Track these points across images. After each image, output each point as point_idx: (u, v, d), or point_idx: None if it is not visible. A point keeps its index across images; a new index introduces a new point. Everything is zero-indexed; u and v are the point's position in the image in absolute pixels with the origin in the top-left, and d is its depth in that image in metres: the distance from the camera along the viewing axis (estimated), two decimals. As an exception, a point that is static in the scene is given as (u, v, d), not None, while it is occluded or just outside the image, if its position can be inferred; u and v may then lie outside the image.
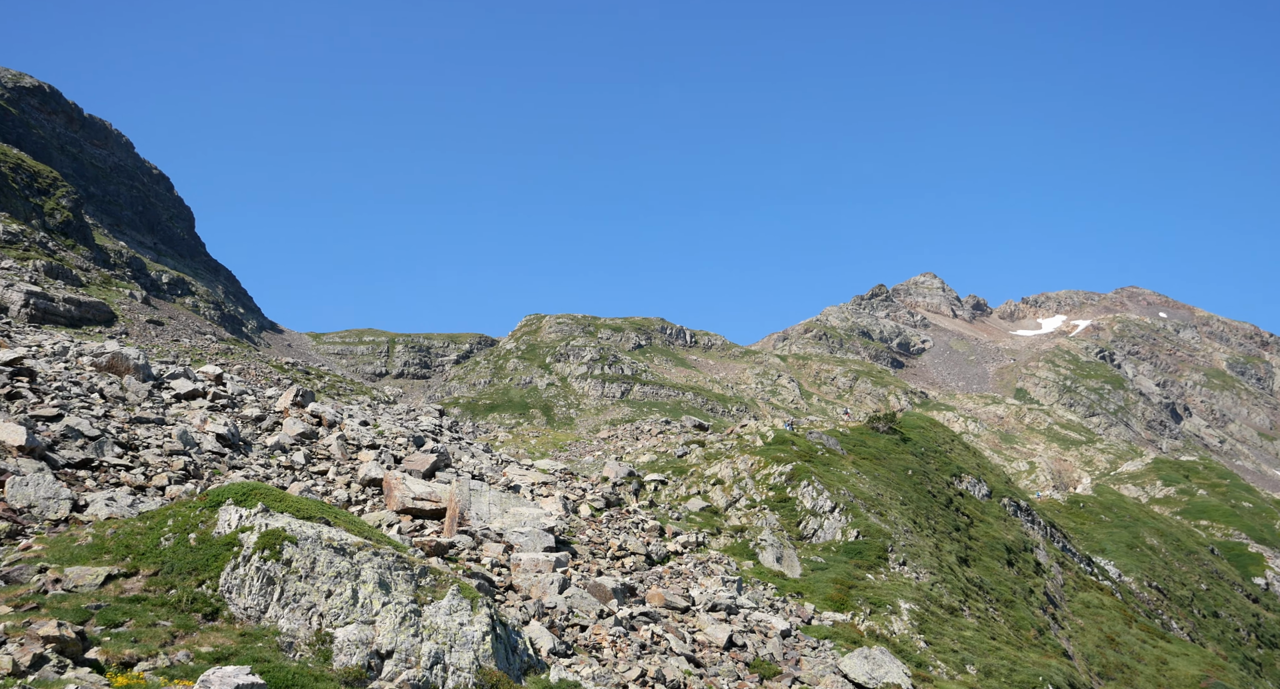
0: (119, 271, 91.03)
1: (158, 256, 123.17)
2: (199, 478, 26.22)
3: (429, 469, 32.89)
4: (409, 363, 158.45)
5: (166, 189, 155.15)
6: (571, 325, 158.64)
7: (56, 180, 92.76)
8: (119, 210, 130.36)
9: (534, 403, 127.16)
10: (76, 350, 37.58)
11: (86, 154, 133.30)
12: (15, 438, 22.04)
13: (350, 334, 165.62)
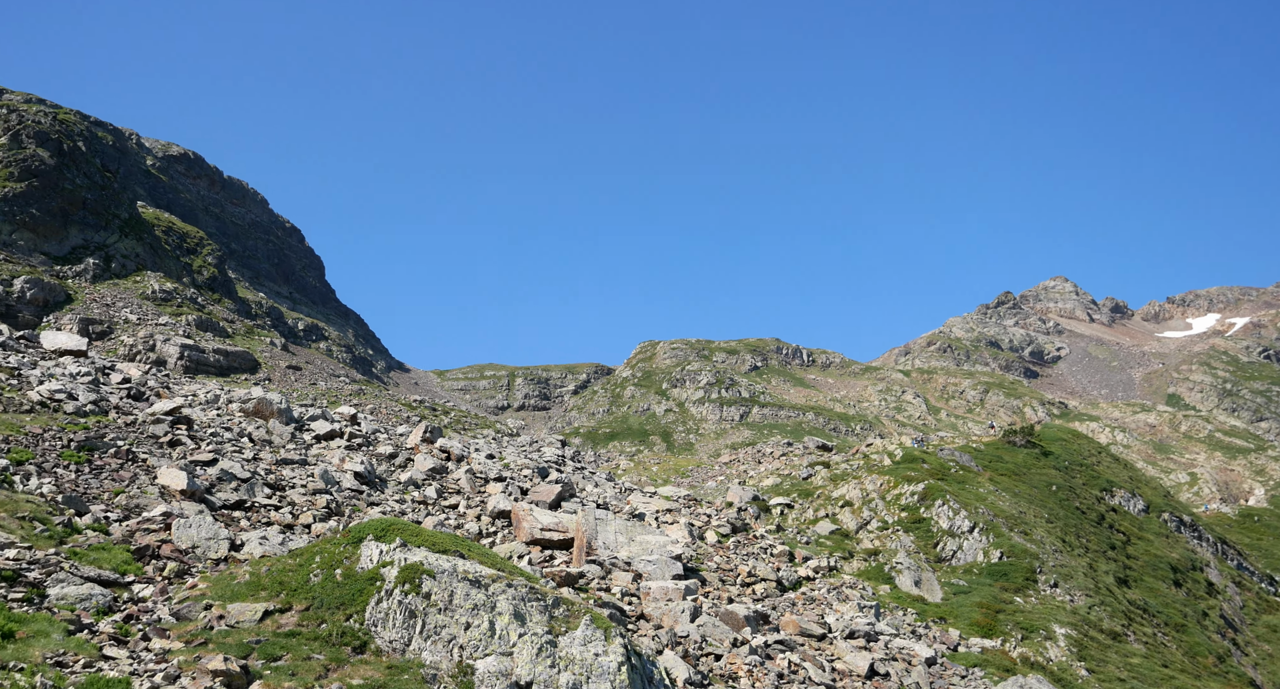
0: (260, 321, 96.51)
1: (293, 305, 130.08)
2: (340, 515, 27.39)
3: (554, 500, 33.39)
4: (529, 395, 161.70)
5: (298, 241, 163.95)
6: (686, 350, 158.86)
7: (202, 239, 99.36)
8: (257, 263, 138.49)
9: (653, 430, 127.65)
10: (226, 398, 39.91)
11: (227, 213, 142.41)
12: (178, 482, 23.57)
13: (472, 369, 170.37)
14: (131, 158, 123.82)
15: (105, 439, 26.48)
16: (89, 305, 68.29)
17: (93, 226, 77.87)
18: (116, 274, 76.34)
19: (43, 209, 73.24)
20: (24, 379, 30.58)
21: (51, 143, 78.77)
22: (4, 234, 69.30)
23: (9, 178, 72.47)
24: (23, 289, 63.65)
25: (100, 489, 22.76)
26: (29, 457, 22.83)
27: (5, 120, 77.99)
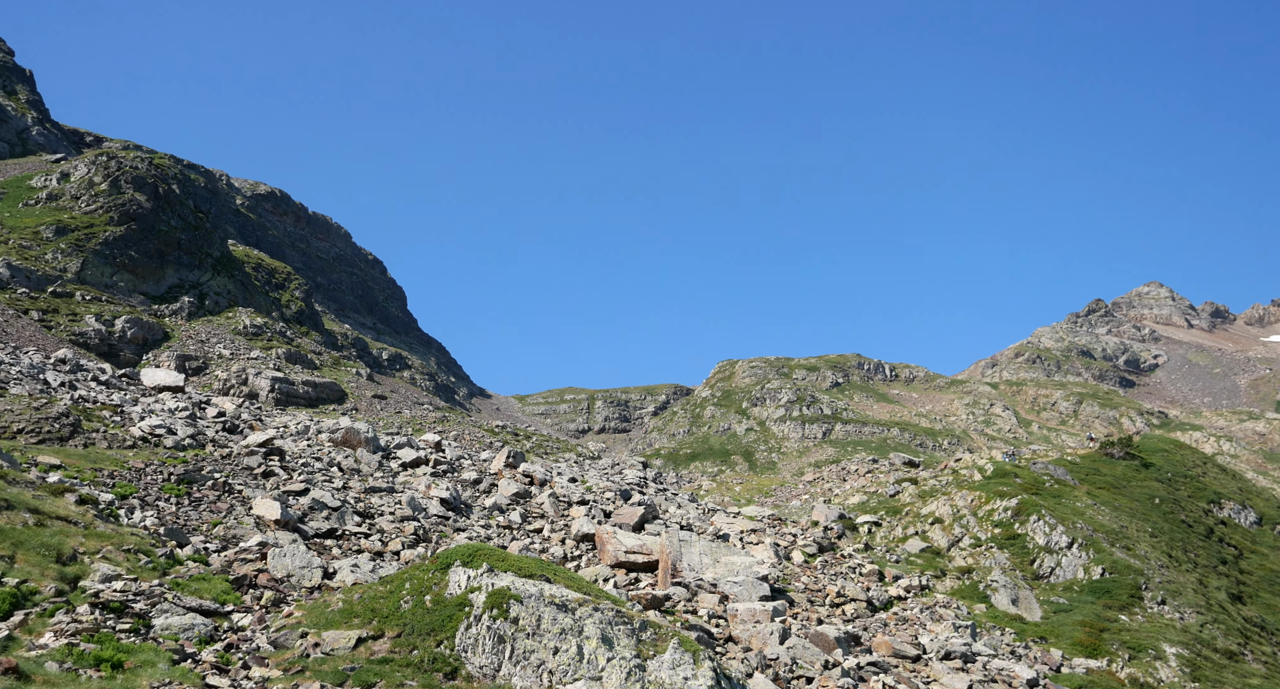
0: (346, 352, 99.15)
1: (377, 335, 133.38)
2: (428, 541, 27.77)
3: (638, 522, 33.31)
4: (609, 418, 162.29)
5: (381, 272, 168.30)
6: (765, 368, 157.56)
7: (290, 274, 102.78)
8: (342, 296, 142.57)
9: (734, 449, 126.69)
10: (316, 428, 41.00)
11: (313, 247, 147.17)
12: (272, 513, 24.23)
13: (552, 394, 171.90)
14: (222, 198, 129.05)
15: (203, 472, 27.40)
16: (185, 342, 71.08)
17: (187, 266, 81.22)
18: (210, 311, 79.38)
19: (141, 251, 76.70)
20: (126, 416, 31.91)
21: (148, 187, 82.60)
22: (106, 276, 72.74)
23: (110, 222, 76.16)
24: (123, 329, 66.60)
25: (199, 521, 23.52)
26: (133, 490, 23.74)
27: (105, 167, 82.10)
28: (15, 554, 15.41)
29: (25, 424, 26.99)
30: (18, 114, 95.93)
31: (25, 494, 19.02)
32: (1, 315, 58.09)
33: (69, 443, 27.02)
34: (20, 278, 65.41)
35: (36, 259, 68.94)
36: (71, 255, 71.07)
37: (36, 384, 32.17)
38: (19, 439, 26.20)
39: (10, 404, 28.00)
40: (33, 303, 63.56)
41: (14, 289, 64.04)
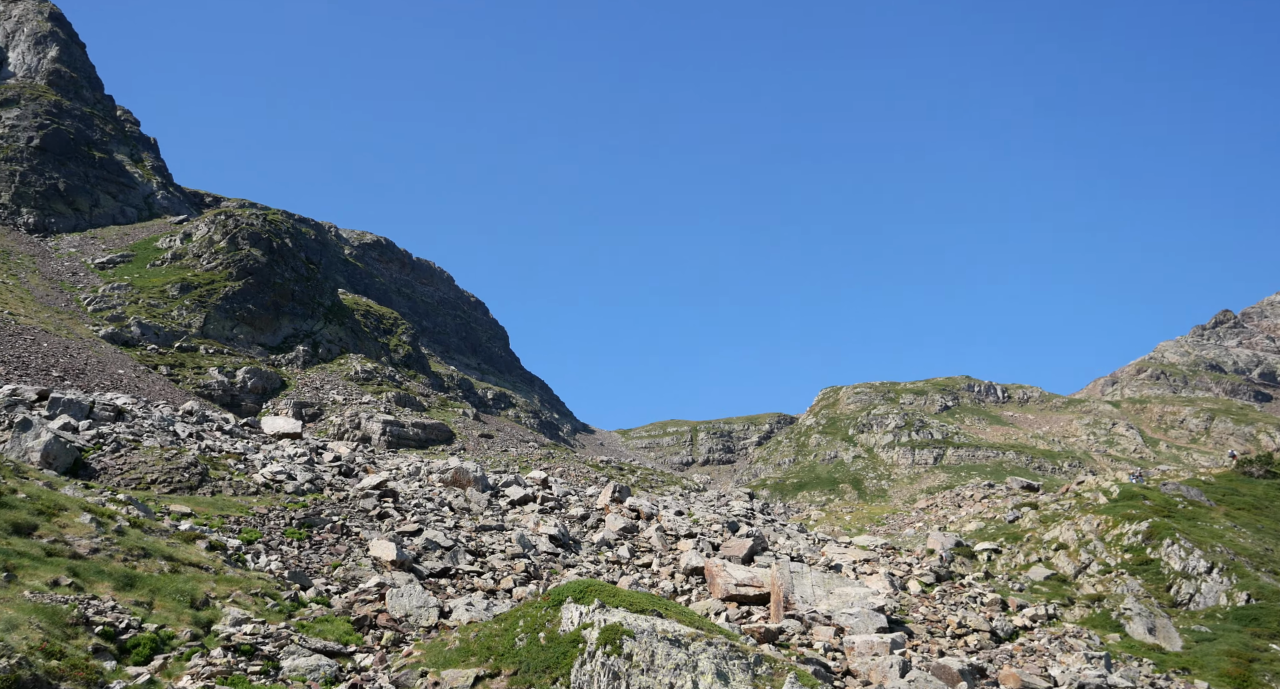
0: (452, 393, 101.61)
1: (482, 375, 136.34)
2: (539, 578, 27.99)
3: (747, 554, 32.85)
4: (713, 449, 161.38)
5: (483, 313, 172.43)
6: (870, 394, 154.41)
7: (397, 319, 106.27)
8: (447, 338, 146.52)
9: (842, 477, 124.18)
10: (426, 469, 41.97)
11: (417, 292, 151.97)
12: (388, 554, 24.85)
13: (655, 427, 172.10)
14: (331, 249, 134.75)
15: (322, 515, 28.33)
16: (301, 390, 74.02)
17: (301, 316, 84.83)
18: (323, 359, 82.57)
19: (258, 304, 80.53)
20: (249, 463, 33.33)
21: (263, 242, 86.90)
22: (226, 329, 76.54)
23: (229, 278, 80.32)
24: (244, 379, 69.82)
25: (320, 563, 24.28)
26: (258, 536, 24.70)
27: (224, 226, 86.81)
28: (153, 600, 16.17)
29: (158, 474, 28.44)
30: (144, 180, 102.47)
31: (160, 542, 20.00)
32: (133, 371, 61.66)
33: (198, 491, 28.34)
34: (150, 335, 69.41)
35: (164, 316, 73.09)
36: (195, 311, 75.12)
37: (167, 436, 33.92)
38: (152, 489, 27.61)
39: (144, 456, 29.58)
40: (161, 358, 67.30)
41: (144, 346, 67.97)
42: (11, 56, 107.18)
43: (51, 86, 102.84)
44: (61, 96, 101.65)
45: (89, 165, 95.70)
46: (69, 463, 27.22)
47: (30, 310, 64.15)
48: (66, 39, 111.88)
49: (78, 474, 27.07)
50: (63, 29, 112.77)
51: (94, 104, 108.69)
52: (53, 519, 18.53)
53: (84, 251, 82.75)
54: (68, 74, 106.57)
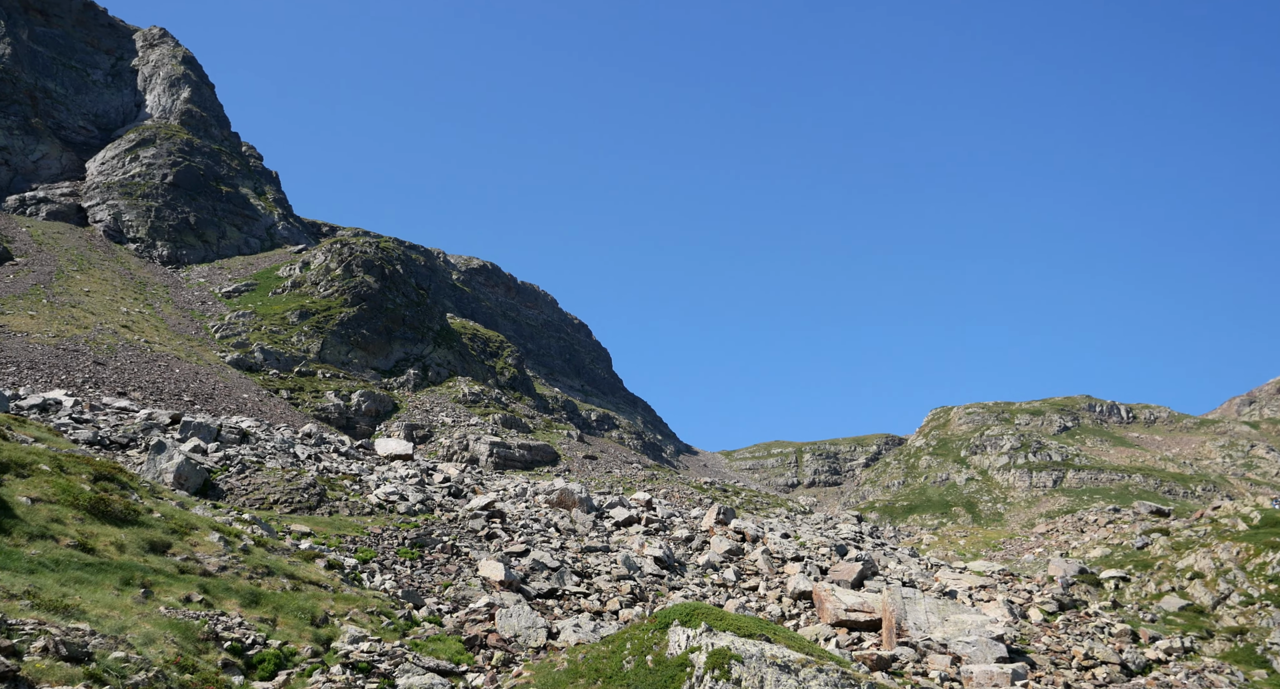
0: (557, 415, 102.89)
1: (585, 397, 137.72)
2: (644, 600, 27.91)
3: (856, 578, 32.06)
4: (818, 471, 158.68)
5: (586, 335, 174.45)
6: (983, 414, 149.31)
7: (503, 343, 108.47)
8: (551, 360, 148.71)
9: (954, 500, 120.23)
10: (532, 490, 42.53)
11: (522, 316, 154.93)
12: (496, 574, 25.20)
13: (759, 448, 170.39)
14: (440, 274, 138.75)
15: (432, 535, 28.97)
16: (412, 412, 76.14)
17: (411, 340, 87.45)
18: (432, 382, 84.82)
19: (371, 329, 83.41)
20: (364, 484, 34.39)
21: (375, 269, 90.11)
22: (342, 354, 79.47)
23: (344, 304, 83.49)
24: (358, 402, 72.26)
25: (432, 583, 24.79)
26: (372, 555, 25.41)
27: (339, 254, 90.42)
28: (276, 617, 16.76)
29: (280, 495, 29.61)
30: (266, 212, 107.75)
31: (283, 560, 20.75)
32: (257, 395, 64.58)
33: (316, 511, 29.37)
34: (271, 360, 72.63)
35: (284, 342, 76.43)
36: (313, 337, 78.30)
37: (287, 458, 35.32)
38: (275, 509, 28.75)
39: (267, 477, 30.86)
40: (282, 382, 70.31)
41: (266, 371, 71.16)
42: (149, 99, 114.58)
43: (184, 126, 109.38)
44: (192, 135, 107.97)
45: (217, 199, 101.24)
46: (199, 484, 28.60)
47: (164, 338, 67.97)
48: (197, 81, 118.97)
49: (207, 494, 28.40)
50: (194, 71, 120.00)
51: (221, 141, 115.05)
52: (185, 538, 19.45)
53: (212, 281, 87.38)
54: (198, 114, 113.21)
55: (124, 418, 36.84)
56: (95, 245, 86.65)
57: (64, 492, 18.45)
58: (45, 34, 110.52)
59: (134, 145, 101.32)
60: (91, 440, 31.02)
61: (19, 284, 69.02)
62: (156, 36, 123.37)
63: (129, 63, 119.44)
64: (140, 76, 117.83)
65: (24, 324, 59.86)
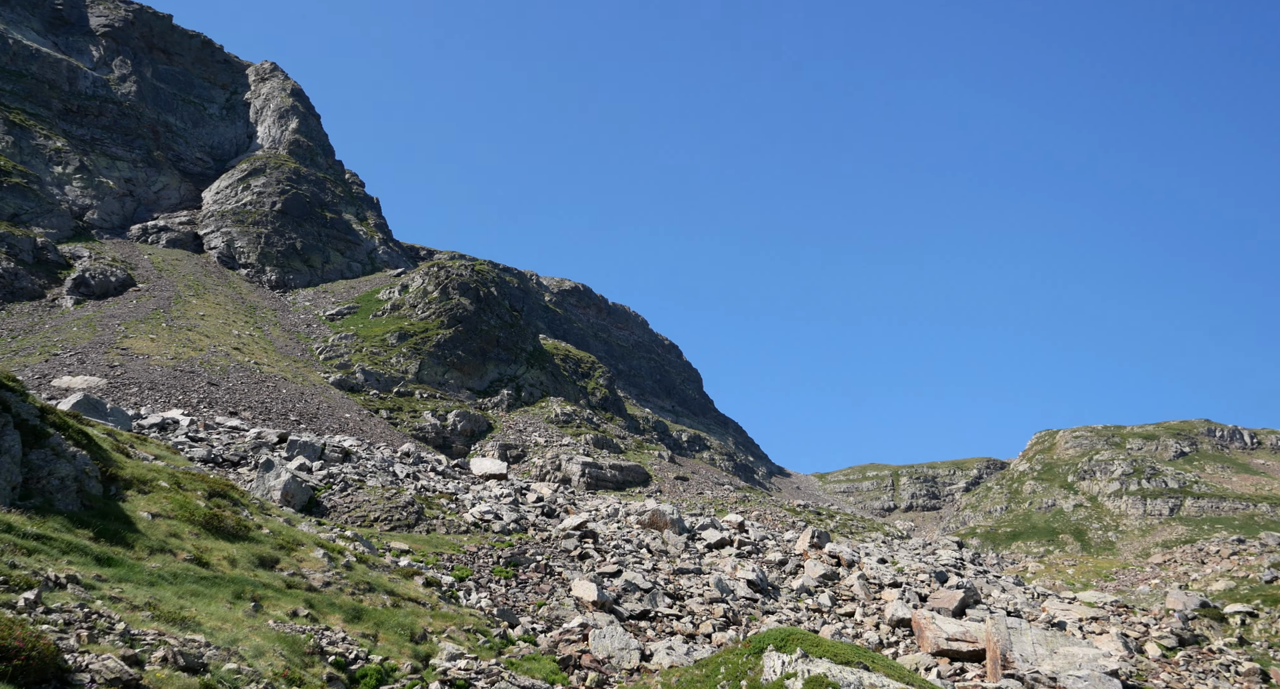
0: (648, 436, 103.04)
1: (676, 418, 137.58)
2: (737, 624, 27.55)
3: (957, 606, 31.01)
4: (916, 494, 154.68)
5: (676, 356, 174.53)
6: (1092, 438, 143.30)
7: (594, 363, 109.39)
8: (641, 381, 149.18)
9: (1061, 527, 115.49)
10: (624, 511, 42.57)
11: (613, 337, 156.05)
12: (590, 594, 25.25)
13: (853, 471, 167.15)
14: (533, 296, 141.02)
15: (526, 554, 29.23)
16: (505, 432, 77.30)
17: (505, 361, 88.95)
18: (525, 402, 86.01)
19: (466, 350, 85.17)
20: (460, 503, 34.99)
21: (471, 291, 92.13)
22: (439, 375, 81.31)
23: (440, 326, 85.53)
24: (454, 422, 73.73)
25: (526, 602, 24.99)
26: (468, 573, 25.78)
27: (436, 277, 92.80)
28: (377, 633, 17.12)
29: (380, 513, 30.36)
30: (368, 237, 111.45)
31: (383, 577, 21.23)
32: (358, 415, 66.55)
33: (414, 529, 30.00)
34: (372, 381, 74.82)
35: (384, 363, 78.66)
36: (411, 358, 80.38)
37: (387, 476, 36.22)
38: (375, 526, 29.48)
39: (368, 495, 31.69)
40: (381, 402, 72.31)
41: (367, 391, 73.31)
42: (260, 130, 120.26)
43: (291, 155, 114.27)
44: (299, 164, 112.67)
45: (322, 225, 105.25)
46: (304, 501, 29.54)
47: (272, 359, 70.75)
48: (304, 111, 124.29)
49: (312, 511, 29.31)
50: (301, 103, 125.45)
51: (326, 169, 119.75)
52: (291, 553, 20.08)
53: (317, 304, 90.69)
54: (305, 143, 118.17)
55: (235, 437, 38.41)
56: (210, 271, 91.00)
57: (181, 507, 19.28)
58: (167, 71, 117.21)
59: (245, 175, 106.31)
60: (206, 458, 32.42)
61: (141, 309, 72.89)
62: (267, 71, 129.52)
63: (242, 96, 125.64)
64: (252, 109, 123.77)
65: (145, 347, 63.12)
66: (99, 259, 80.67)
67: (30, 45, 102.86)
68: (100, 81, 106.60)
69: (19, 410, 18.81)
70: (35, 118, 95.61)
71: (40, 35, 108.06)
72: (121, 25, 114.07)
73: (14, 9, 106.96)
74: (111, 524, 16.87)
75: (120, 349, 61.00)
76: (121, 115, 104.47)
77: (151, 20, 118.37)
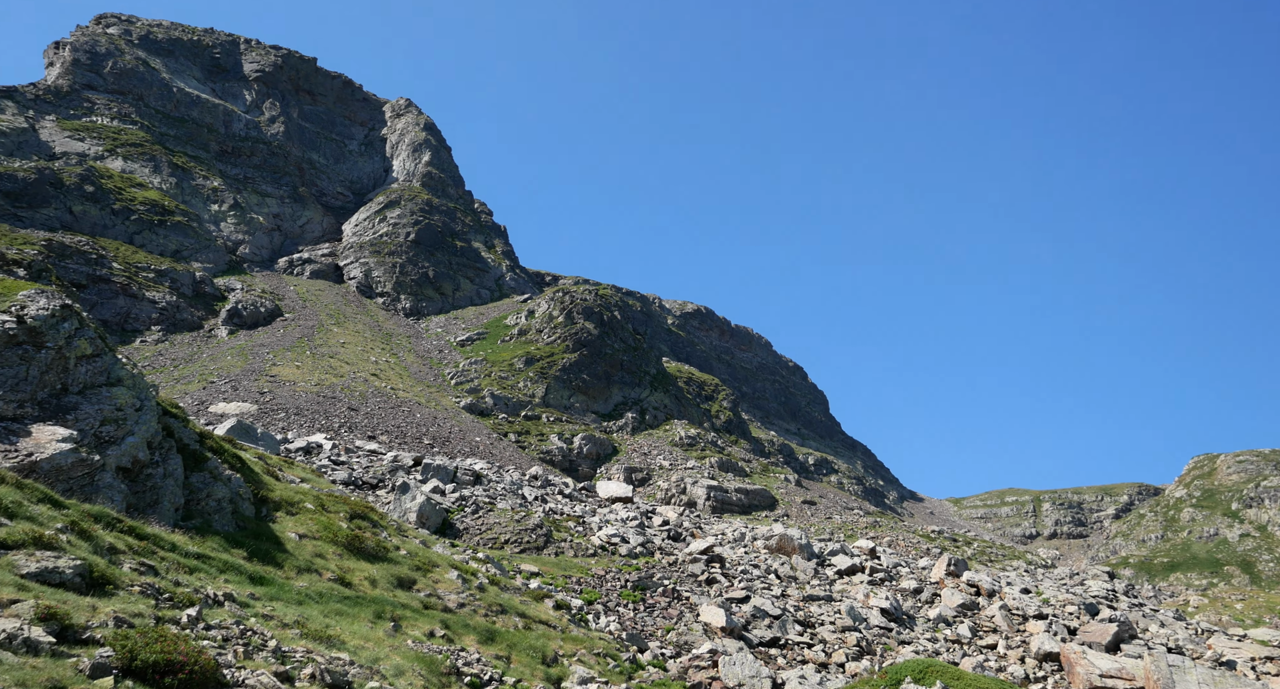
0: (773, 459, 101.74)
1: (802, 440, 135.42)
2: (871, 654, 26.68)
3: (1111, 641, 29.21)
4: (1060, 521, 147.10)
5: (801, 378, 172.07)
6: (1257, 463, 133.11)
7: (717, 386, 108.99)
8: (765, 403, 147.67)
9: (1226, 558, 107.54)
10: (751, 535, 42.03)
11: (736, 358, 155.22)
12: (718, 620, 24.97)
13: (991, 496, 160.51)
14: (655, 319, 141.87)
15: (653, 578, 29.18)
16: (630, 455, 77.73)
17: (629, 384, 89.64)
18: (649, 425, 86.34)
19: (591, 374, 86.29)
20: (587, 526, 35.29)
21: (595, 315, 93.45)
22: (564, 398, 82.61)
23: (565, 350, 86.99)
24: (580, 445, 74.64)
25: (654, 626, 24.91)
26: (596, 597, 25.91)
27: (561, 302, 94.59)
28: (510, 654, 17.37)
29: (510, 535, 30.93)
30: (496, 264, 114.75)
31: (514, 599, 21.57)
32: (488, 438, 68.23)
33: (543, 551, 30.41)
34: (500, 405, 76.66)
35: (511, 387, 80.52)
36: (537, 382, 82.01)
37: (516, 499, 36.91)
38: (506, 549, 30.04)
39: (498, 517, 32.35)
40: (510, 426, 73.95)
41: (496, 415, 75.13)
42: (395, 164, 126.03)
43: (424, 187, 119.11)
44: (432, 195, 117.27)
45: (452, 253, 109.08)
46: (438, 523, 30.40)
47: (407, 385, 73.46)
48: (436, 144, 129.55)
49: (445, 533, 30.12)
50: (434, 137, 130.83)
51: (457, 199, 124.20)
52: (427, 574, 20.65)
53: (448, 331, 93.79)
54: (437, 175, 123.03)
55: (373, 460, 39.95)
56: (349, 300, 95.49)
57: (325, 529, 20.13)
58: (311, 111, 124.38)
59: (381, 207, 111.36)
60: (347, 481, 33.82)
61: (287, 337, 77.03)
62: (402, 106, 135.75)
63: (379, 132, 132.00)
64: (388, 144, 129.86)
65: (291, 374, 66.59)
66: (250, 291, 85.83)
67: (191, 92, 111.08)
68: (252, 123, 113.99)
69: (181, 436, 20.07)
70: (195, 159, 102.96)
71: (200, 82, 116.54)
72: (271, 70, 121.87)
73: (178, 60, 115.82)
74: (263, 544, 17.74)
75: (269, 376, 64.55)
76: (270, 154, 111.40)
77: (298, 64, 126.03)
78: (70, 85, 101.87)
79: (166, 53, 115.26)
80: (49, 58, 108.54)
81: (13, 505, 11.82)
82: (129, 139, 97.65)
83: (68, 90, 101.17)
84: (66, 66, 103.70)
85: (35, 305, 18.12)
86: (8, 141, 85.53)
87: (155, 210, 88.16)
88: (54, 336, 17.75)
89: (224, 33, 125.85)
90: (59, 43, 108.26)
